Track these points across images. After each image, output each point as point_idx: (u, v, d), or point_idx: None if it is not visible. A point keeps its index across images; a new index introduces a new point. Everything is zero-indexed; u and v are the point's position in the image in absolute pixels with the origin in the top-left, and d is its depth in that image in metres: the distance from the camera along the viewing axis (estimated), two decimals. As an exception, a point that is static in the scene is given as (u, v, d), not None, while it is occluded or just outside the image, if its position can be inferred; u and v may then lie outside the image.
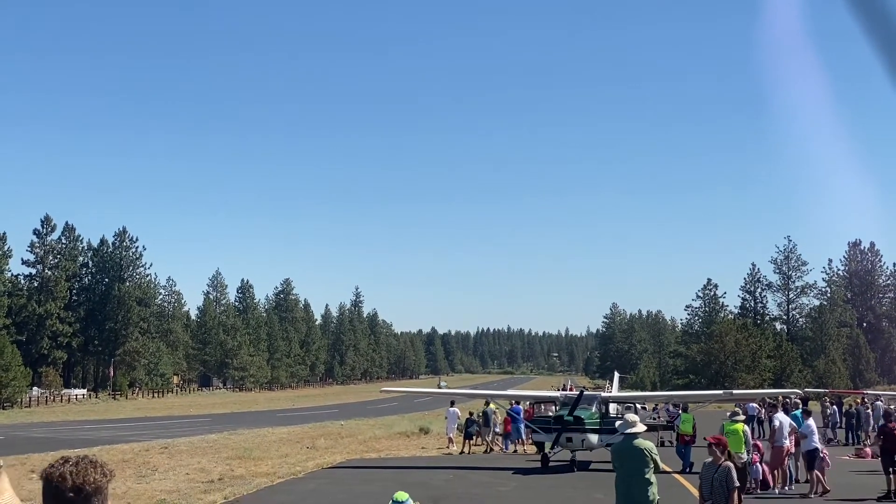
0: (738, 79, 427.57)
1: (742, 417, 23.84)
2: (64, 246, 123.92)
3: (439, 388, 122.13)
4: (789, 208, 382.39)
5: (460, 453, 38.01)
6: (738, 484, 12.97)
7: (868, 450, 35.13)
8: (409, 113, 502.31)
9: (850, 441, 42.83)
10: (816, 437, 24.59)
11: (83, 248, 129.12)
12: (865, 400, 49.91)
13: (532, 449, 38.41)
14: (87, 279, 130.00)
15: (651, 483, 13.07)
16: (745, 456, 22.07)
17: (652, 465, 13.17)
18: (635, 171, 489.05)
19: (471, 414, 41.68)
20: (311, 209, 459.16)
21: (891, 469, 23.02)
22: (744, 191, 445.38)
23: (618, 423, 14.37)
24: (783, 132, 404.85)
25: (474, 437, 40.22)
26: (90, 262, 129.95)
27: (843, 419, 46.33)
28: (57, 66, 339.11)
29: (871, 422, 41.61)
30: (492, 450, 39.16)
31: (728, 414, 23.56)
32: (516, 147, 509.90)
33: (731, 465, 13.22)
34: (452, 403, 41.52)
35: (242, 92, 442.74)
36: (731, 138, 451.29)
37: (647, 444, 13.48)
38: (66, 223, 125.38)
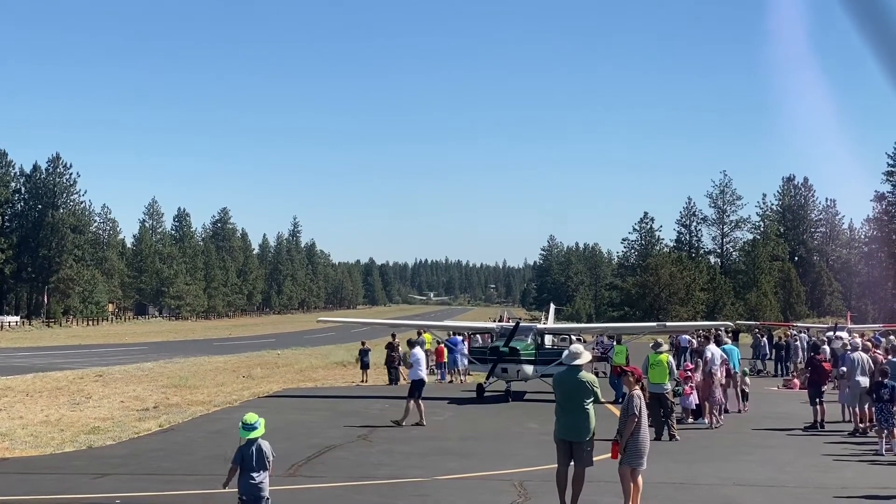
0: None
1: (665, 348, 24.14)
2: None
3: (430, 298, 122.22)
4: (726, 142, 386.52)
5: (362, 382, 38.07)
6: (636, 412, 13.13)
7: (796, 381, 35.83)
8: (351, 43, 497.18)
9: (779, 372, 43.64)
10: (422, 368, 24.87)
11: (15, 173, 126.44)
12: (795, 332, 50.81)
13: (468, 379, 38.72)
14: (19, 205, 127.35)
15: (590, 414, 13.27)
16: (668, 386, 22.42)
17: (593, 398, 13.36)
18: (573, 103, 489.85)
19: (363, 343, 41.61)
20: (249, 138, 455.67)
21: (817, 400, 23.56)
22: (682, 123, 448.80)
23: (564, 353, 14.53)
24: (728, 65, 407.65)
25: (370, 368, 39.98)
26: (23, 189, 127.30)
27: (773, 351, 47.11)
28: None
29: (800, 354, 42.38)
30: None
31: (651, 345, 23.84)
32: (455, 81, 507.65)
33: (635, 393, 13.41)
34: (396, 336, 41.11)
35: (175, 17, 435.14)
36: (671, 67, 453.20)
37: (590, 376, 13.68)
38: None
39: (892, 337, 32.29)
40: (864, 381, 22.21)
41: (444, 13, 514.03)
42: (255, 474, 10.84)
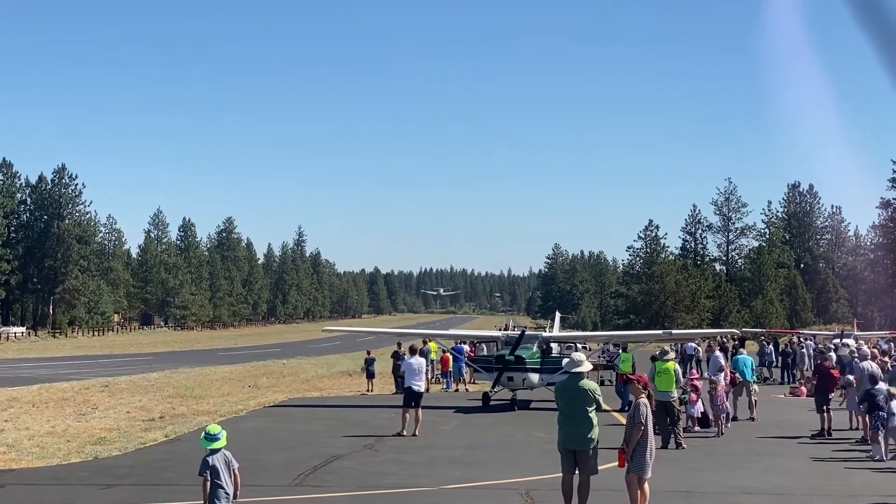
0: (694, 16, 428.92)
1: (672, 356, 24.04)
2: (1, 183, 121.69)
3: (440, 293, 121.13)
4: (731, 150, 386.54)
5: (367, 391, 37.78)
6: (641, 420, 13.09)
7: (803, 388, 35.74)
8: (355, 51, 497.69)
9: (786, 380, 43.53)
10: (416, 377, 24.25)
11: (21, 185, 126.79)
12: (801, 339, 50.66)
13: (473, 388, 38.64)
14: (25, 216, 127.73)
15: (593, 422, 13.25)
16: (674, 394, 22.32)
17: (595, 405, 13.32)
18: (579, 111, 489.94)
19: (368, 353, 41.48)
20: (253, 147, 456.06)
21: (825, 407, 23.48)
22: (687, 131, 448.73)
23: (564, 361, 14.51)
24: (733, 72, 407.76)
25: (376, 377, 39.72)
26: (28, 200, 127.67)
27: (779, 358, 47.00)
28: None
29: (806, 361, 42.30)
30: (427, 390, 39.01)
31: (658, 353, 23.74)
32: (460, 91, 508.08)
33: (640, 401, 13.36)
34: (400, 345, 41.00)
35: (180, 26, 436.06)
36: (677, 74, 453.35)
37: (591, 384, 13.63)
38: (3, 159, 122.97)
39: (892, 344, 32.38)
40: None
41: (450, 22, 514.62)
42: (221, 483, 10.79)
